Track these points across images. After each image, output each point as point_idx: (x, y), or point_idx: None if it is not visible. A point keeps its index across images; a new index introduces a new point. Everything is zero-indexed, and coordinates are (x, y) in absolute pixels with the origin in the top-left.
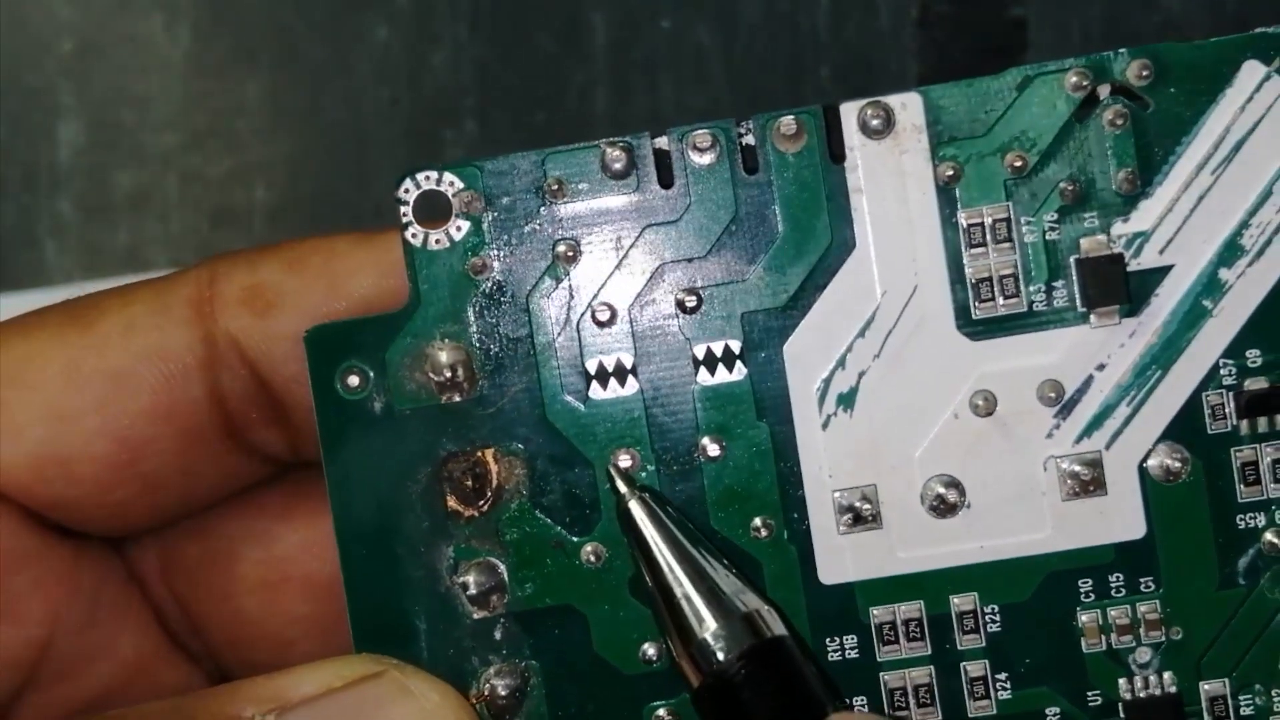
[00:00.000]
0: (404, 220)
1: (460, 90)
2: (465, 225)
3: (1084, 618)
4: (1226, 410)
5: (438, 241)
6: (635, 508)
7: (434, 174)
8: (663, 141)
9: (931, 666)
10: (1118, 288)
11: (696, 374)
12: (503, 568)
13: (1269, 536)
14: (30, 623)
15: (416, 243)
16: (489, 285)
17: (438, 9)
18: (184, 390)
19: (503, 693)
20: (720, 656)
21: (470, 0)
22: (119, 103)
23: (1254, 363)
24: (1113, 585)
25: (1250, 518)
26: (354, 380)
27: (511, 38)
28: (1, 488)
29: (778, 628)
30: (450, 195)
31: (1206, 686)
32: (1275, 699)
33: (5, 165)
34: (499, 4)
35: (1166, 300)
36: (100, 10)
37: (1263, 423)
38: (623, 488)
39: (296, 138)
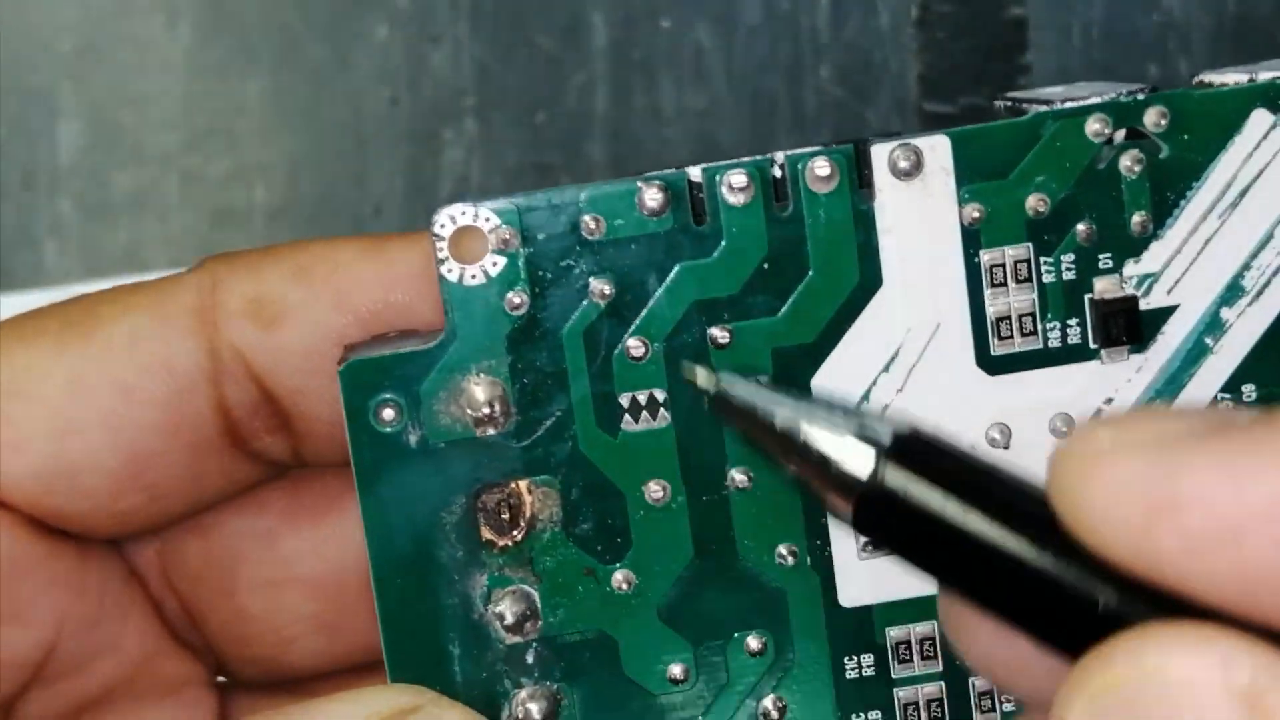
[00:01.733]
0: (440, 256)
1: (460, 90)
2: (501, 261)
3: None
4: None
5: (473, 277)
6: (726, 384)
7: (470, 209)
8: (696, 173)
9: (943, 682)
10: (1134, 329)
11: None
12: (535, 595)
13: None
14: (37, 625)
15: (452, 278)
16: (524, 320)
17: (438, 9)
18: (190, 402)
19: (536, 715)
20: (865, 470)
21: (470, 0)
22: (119, 103)
23: (1249, 398)
24: None
25: None
26: (389, 414)
27: (511, 38)
28: (8, 500)
29: (907, 424)
30: (486, 231)
31: None
32: None
33: (5, 165)
34: (499, 4)
35: (1172, 338)
36: (100, 10)
37: None
38: (704, 375)
39: (296, 138)
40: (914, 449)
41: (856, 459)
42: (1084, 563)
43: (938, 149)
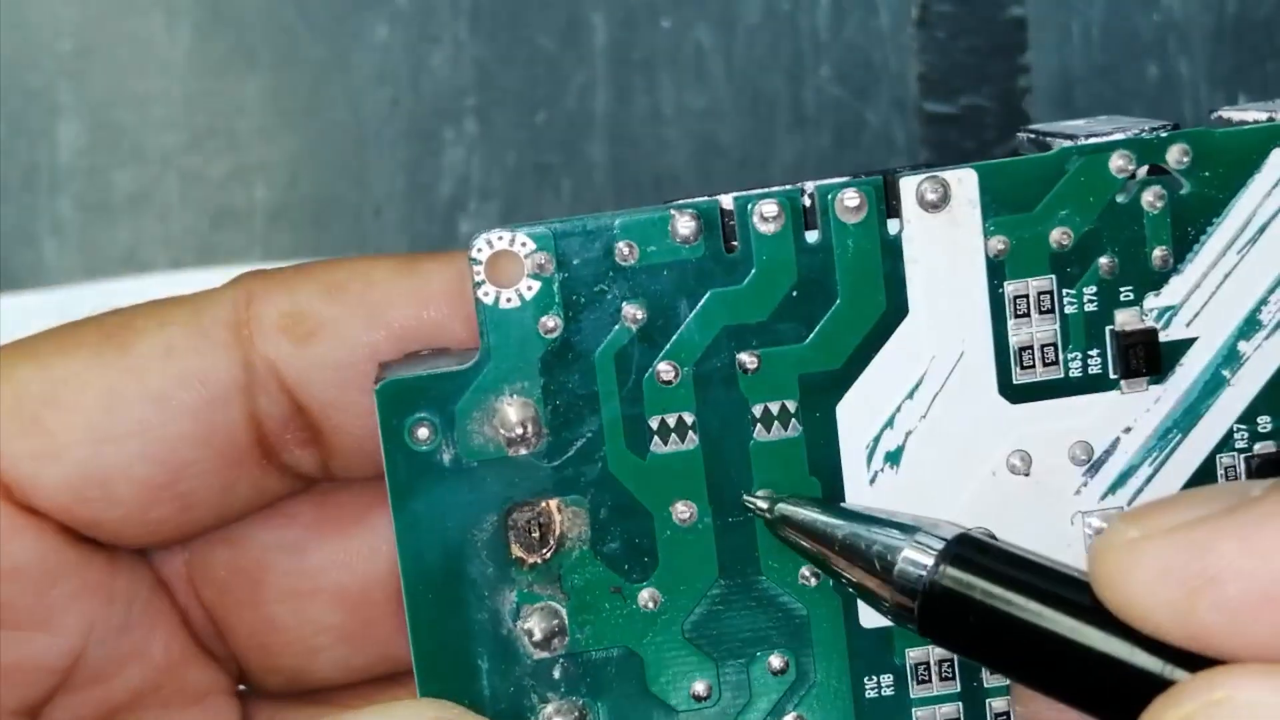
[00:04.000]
0: (476, 279)
1: (460, 90)
2: (536, 285)
3: None
4: (1238, 471)
5: (509, 300)
6: (787, 509)
7: (507, 234)
8: (728, 201)
9: (959, 703)
10: (1153, 360)
11: (754, 431)
12: (564, 612)
13: None
14: (67, 632)
15: (488, 301)
16: (557, 343)
17: (438, 9)
18: (223, 414)
19: None
20: (923, 571)
21: (470, 0)
22: (119, 103)
23: (1264, 428)
24: None
25: None
26: (423, 433)
27: (511, 38)
28: (42, 507)
29: (957, 528)
30: (522, 256)
31: None
32: None
33: (5, 165)
34: (499, 4)
35: (1190, 370)
36: (100, 10)
37: None
38: (764, 505)
39: (296, 138)
40: (967, 551)
41: (916, 565)
42: (1134, 639)
43: (964, 182)
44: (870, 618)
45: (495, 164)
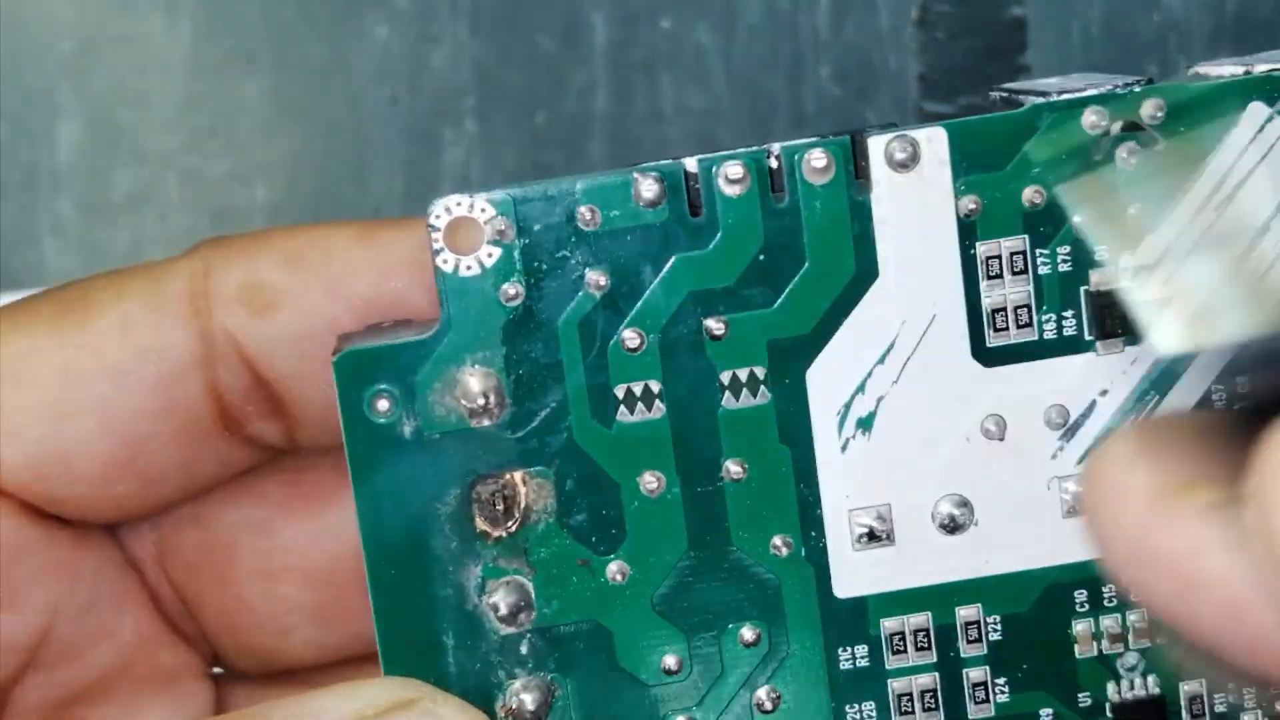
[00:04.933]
0: (435, 246)
1: (460, 90)
2: (496, 252)
3: (1078, 627)
4: None
5: (468, 268)
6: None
7: (465, 200)
8: (692, 164)
9: (936, 673)
10: (1129, 321)
11: (722, 399)
12: (530, 586)
13: None
14: (32, 610)
15: (448, 269)
16: (519, 312)
17: (438, 9)
18: (182, 387)
19: (530, 706)
20: None
21: (470, 0)
22: (119, 103)
23: (1242, 389)
24: (1105, 596)
25: None
26: (383, 405)
27: (511, 38)
28: (2, 485)
29: None
30: (482, 222)
31: (1186, 688)
32: (1245, 696)
33: (5, 165)
34: (499, 4)
35: None
36: (100, 10)
37: None
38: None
39: (296, 138)
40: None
41: None
42: None
43: (934, 141)
44: (844, 587)
45: (495, 164)
